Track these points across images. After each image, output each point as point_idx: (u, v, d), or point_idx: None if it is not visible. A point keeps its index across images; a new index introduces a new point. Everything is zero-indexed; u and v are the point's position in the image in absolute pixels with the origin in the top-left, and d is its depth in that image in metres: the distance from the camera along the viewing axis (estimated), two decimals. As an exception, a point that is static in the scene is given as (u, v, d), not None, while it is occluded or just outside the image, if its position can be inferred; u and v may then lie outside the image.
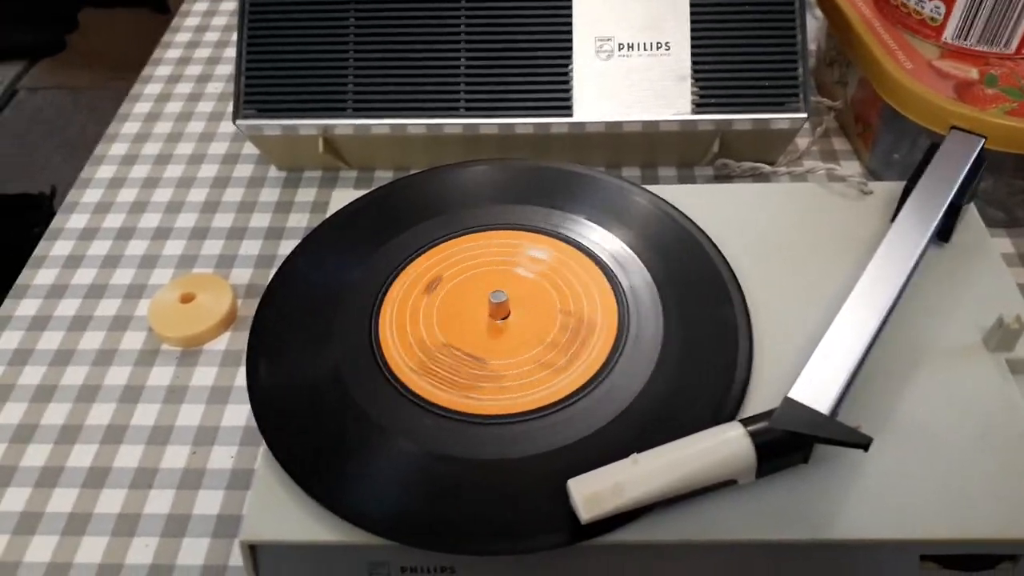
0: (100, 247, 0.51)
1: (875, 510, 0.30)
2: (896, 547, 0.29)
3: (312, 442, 0.32)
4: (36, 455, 0.41)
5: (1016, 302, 0.36)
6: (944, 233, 0.39)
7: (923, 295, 0.37)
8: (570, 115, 0.49)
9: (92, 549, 0.37)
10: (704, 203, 0.42)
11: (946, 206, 0.37)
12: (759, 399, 0.34)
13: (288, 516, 0.31)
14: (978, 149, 0.39)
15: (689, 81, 0.49)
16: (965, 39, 0.49)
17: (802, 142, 0.56)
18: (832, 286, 0.38)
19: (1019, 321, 0.34)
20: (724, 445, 0.30)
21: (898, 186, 0.42)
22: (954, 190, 0.38)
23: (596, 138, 0.51)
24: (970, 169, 0.39)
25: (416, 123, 0.50)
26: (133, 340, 0.46)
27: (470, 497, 0.31)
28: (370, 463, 0.32)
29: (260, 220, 0.53)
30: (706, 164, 0.54)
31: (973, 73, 0.48)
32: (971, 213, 0.41)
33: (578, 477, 0.30)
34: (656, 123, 0.49)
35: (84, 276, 0.50)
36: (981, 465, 0.31)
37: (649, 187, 0.42)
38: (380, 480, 0.31)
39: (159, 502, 0.39)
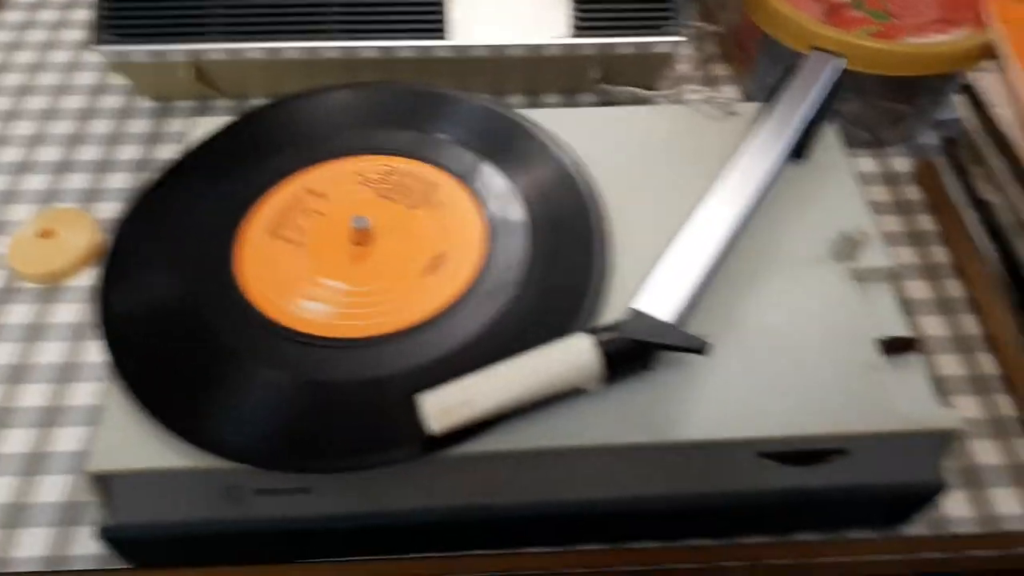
0: (-45, 183, 0.49)
1: (716, 412, 0.31)
2: (734, 446, 0.31)
3: (161, 369, 0.32)
4: None
5: (861, 215, 0.38)
6: (801, 150, 0.40)
7: (777, 209, 0.38)
8: (446, 38, 0.48)
9: (-53, 489, 0.36)
10: (576, 126, 0.42)
11: (800, 124, 0.38)
12: (618, 312, 0.34)
13: (137, 444, 0.31)
14: (833, 68, 0.40)
15: (568, 4, 0.48)
16: (834, -38, 0.50)
17: (684, 68, 0.56)
18: (693, 203, 0.38)
19: (862, 233, 0.35)
20: (572, 354, 0.30)
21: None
22: (810, 107, 0.38)
23: (478, 63, 0.50)
24: (827, 88, 0.39)
25: (290, 47, 0.48)
26: (-9, 278, 0.44)
27: (323, 418, 0.31)
28: (220, 388, 0.31)
29: (129, 152, 0.51)
30: (589, 90, 0.54)
31: (842, -4, 0.49)
32: (830, 133, 0.42)
33: (429, 391, 0.30)
34: (537, 47, 0.49)
35: (-63, 213, 0.47)
36: (818, 366, 0.32)
37: (521, 111, 0.42)
38: (232, 404, 0.31)
39: (17, 441, 0.38)
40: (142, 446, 0.30)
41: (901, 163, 0.50)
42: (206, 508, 0.31)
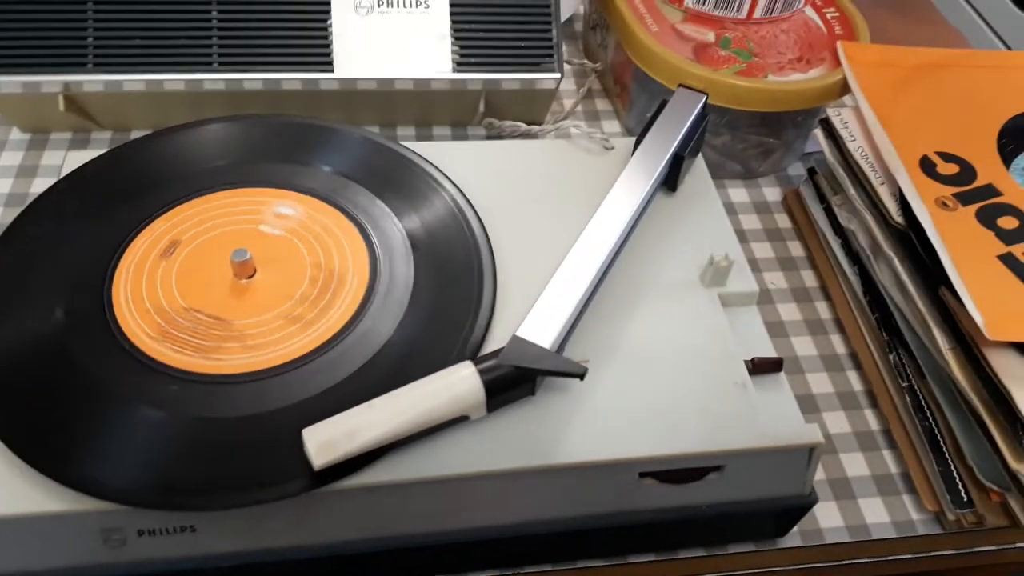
0: None
1: (596, 434, 0.32)
2: (615, 467, 0.32)
3: (31, 409, 0.31)
4: None
5: (729, 242, 0.40)
6: (671, 182, 0.42)
7: (650, 238, 0.40)
8: (331, 71, 0.48)
9: None
10: (458, 159, 0.43)
11: (669, 157, 0.40)
12: (501, 342, 0.35)
13: (9, 488, 0.29)
14: (700, 104, 0.43)
15: (449, 40, 0.50)
16: (703, 4, 0.53)
17: (568, 102, 0.59)
18: (572, 234, 0.40)
19: (727, 259, 0.37)
20: (455, 383, 0.31)
21: (637, 141, 0.45)
22: (676, 142, 0.41)
23: (365, 96, 0.51)
24: (692, 123, 0.42)
25: (168, 79, 0.47)
26: None
27: (203, 455, 0.30)
28: (92, 426, 0.31)
29: (1, 186, 0.48)
30: (476, 124, 0.55)
31: (710, 36, 0.52)
32: (699, 164, 0.44)
33: (313, 426, 0.30)
34: (422, 81, 0.50)
35: None
36: (691, 388, 0.34)
37: (404, 143, 0.43)
38: (105, 443, 0.30)
39: None
40: (15, 490, 0.29)
41: (771, 193, 0.54)
42: (87, 553, 0.30)
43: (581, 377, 0.31)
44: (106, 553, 0.31)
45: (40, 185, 0.49)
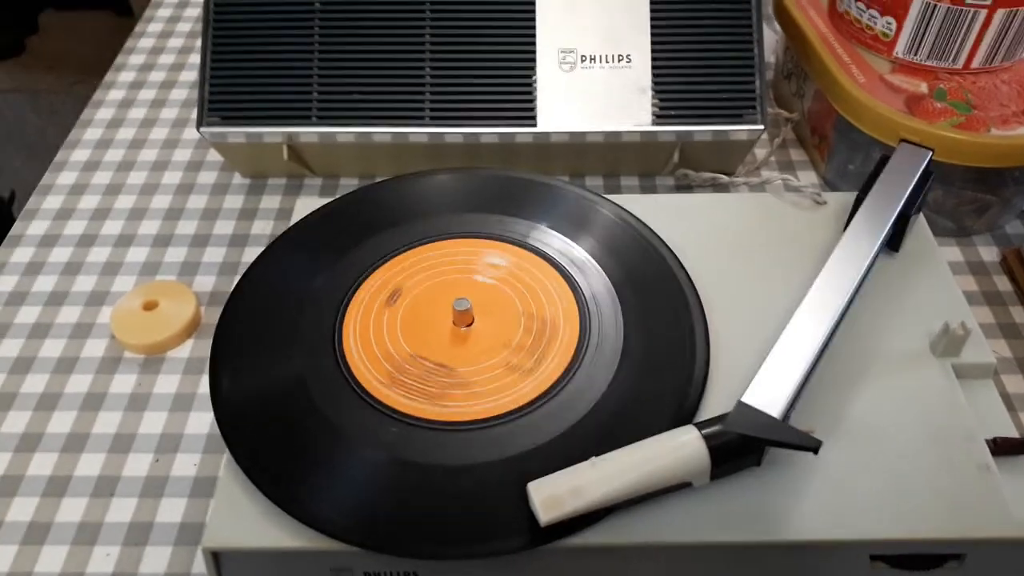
0: (61, 254, 0.51)
1: (826, 511, 0.31)
2: (846, 547, 0.30)
3: (275, 449, 0.33)
4: (-6, 464, 0.40)
5: (961, 309, 0.38)
6: (894, 242, 0.40)
7: (874, 302, 0.38)
8: (534, 125, 0.49)
9: (52, 558, 0.37)
10: (663, 213, 0.43)
11: (895, 216, 0.39)
12: (716, 402, 0.34)
13: (251, 522, 0.31)
14: (926, 161, 0.41)
15: (649, 93, 0.50)
16: (915, 54, 0.51)
17: (760, 152, 0.57)
18: (787, 293, 0.39)
19: (964, 328, 0.35)
20: (680, 448, 0.30)
21: (850, 196, 0.43)
22: (903, 201, 0.39)
23: (559, 147, 0.52)
24: (918, 180, 0.40)
25: (381, 131, 0.50)
26: (95, 348, 0.46)
27: (433, 502, 0.31)
28: (332, 469, 0.32)
29: (224, 227, 0.53)
30: (667, 174, 0.55)
31: (923, 87, 0.50)
32: (920, 223, 0.42)
33: (538, 480, 0.30)
34: (617, 133, 0.50)
35: (45, 283, 0.49)
36: (928, 467, 0.32)
37: (610, 196, 0.43)
38: (343, 486, 0.31)
39: (121, 510, 0.39)
40: (255, 525, 0.31)
41: (988, 252, 0.50)
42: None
43: (815, 451, 0.30)
44: (332, 589, 0.32)
45: (259, 227, 0.52)
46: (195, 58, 0.67)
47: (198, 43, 0.69)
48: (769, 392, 0.32)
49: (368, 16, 0.50)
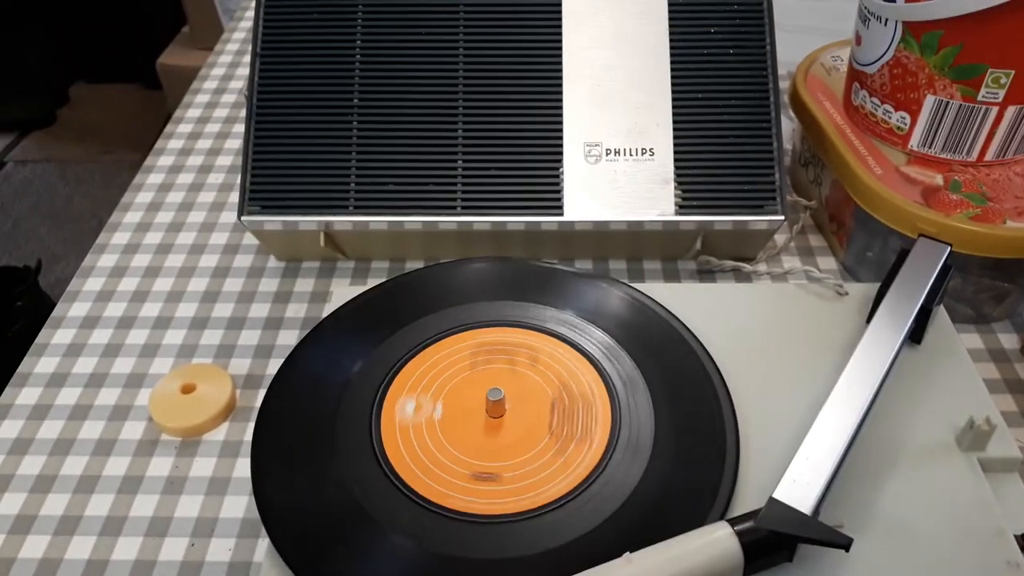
0: (101, 336, 0.53)
1: (859, 609, 0.31)
2: (880, 645, 0.31)
3: (318, 540, 0.33)
4: (34, 547, 0.41)
5: (984, 401, 0.38)
6: (916, 335, 0.41)
7: (898, 395, 0.39)
8: (561, 214, 0.51)
9: (89, 645, 0.37)
10: (689, 302, 0.44)
11: (917, 310, 0.40)
12: (746, 496, 0.35)
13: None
14: (944, 256, 0.42)
15: (672, 184, 0.52)
16: (930, 147, 0.52)
17: (780, 238, 0.59)
18: (813, 385, 0.39)
19: (988, 423, 0.36)
20: (713, 545, 0.31)
21: (872, 288, 0.44)
22: (924, 295, 0.40)
23: (583, 235, 0.53)
24: (938, 274, 0.41)
25: (413, 220, 0.52)
26: (133, 430, 0.47)
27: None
28: (371, 562, 0.33)
29: (259, 310, 0.54)
30: (689, 259, 0.56)
31: (938, 179, 0.51)
32: (941, 315, 0.43)
33: (574, 576, 0.31)
34: (641, 223, 0.52)
35: (85, 365, 0.51)
36: (958, 563, 0.32)
37: (636, 285, 0.45)
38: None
39: (157, 596, 0.39)
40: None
41: (1008, 340, 0.51)
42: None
43: (847, 548, 0.31)
44: None
45: (293, 310, 0.54)
46: (232, 143, 0.70)
47: (234, 128, 0.72)
48: (800, 488, 0.32)
49: (404, 110, 0.53)
